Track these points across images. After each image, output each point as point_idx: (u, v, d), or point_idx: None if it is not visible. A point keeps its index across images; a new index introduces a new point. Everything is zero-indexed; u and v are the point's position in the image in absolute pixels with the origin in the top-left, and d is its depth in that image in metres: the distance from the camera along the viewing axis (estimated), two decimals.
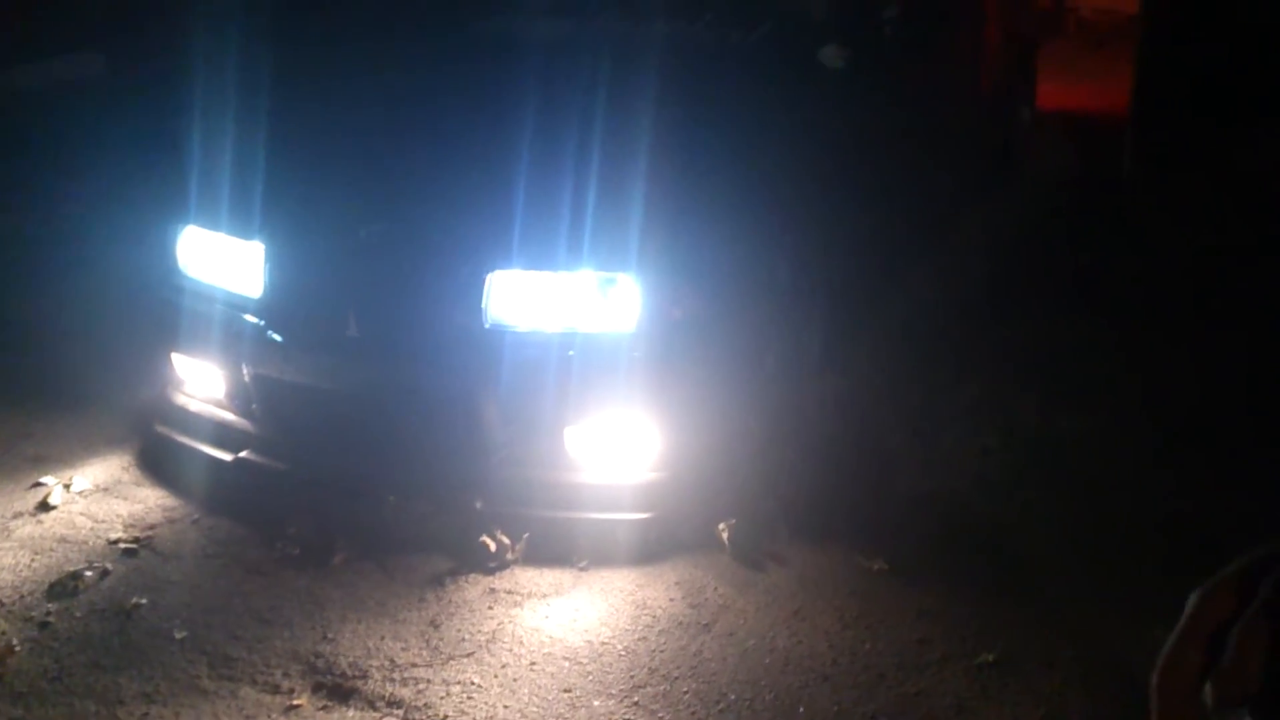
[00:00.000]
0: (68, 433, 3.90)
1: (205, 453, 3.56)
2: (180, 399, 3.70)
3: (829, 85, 3.93)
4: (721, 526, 3.24)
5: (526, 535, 3.17)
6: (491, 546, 3.14)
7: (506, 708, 2.66)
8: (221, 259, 3.53)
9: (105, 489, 3.59)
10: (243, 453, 3.48)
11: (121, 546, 3.28)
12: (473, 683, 2.75)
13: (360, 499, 3.31)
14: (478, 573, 3.14)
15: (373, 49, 3.89)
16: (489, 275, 3.21)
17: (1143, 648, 2.45)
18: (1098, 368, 4.33)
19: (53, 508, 3.47)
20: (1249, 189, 5.96)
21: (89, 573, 3.14)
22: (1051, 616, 2.96)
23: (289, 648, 2.84)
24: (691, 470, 3.29)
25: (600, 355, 3.21)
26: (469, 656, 2.83)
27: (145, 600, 3.03)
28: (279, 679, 2.76)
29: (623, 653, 2.86)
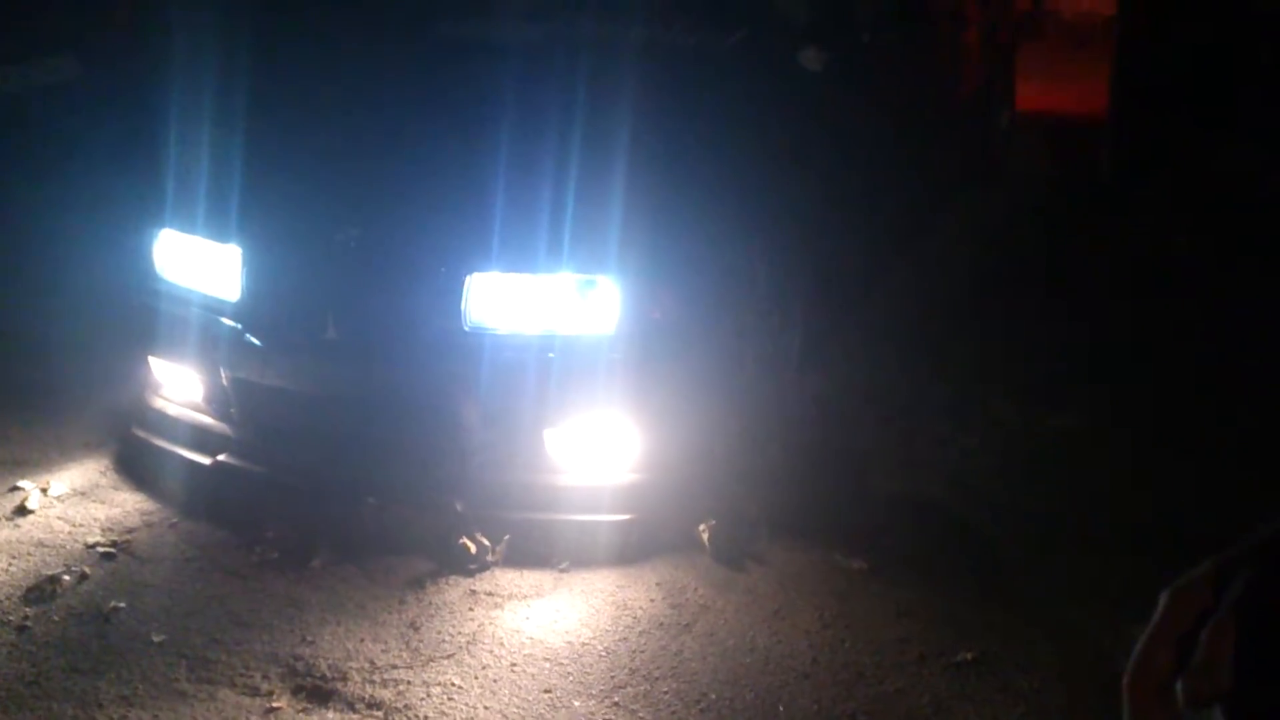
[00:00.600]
0: (45, 436, 3.93)
1: (183, 456, 3.56)
2: (158, 402, 3.70)
3: (808, 88, 3.95)
4: (702, 528, 3.26)
5: (507, 537, 3.19)
6: (472, 548, 3.16)
7: (487, 709, 2.69)
8: (198, 262, 3.55)
9: (83, 493, 3.61)
10: (221, 456, 3.49)
11: (99, 550, 3.29)
12: (453, 684, 2.77)
13: (339, 502, 3.29)
14: (458, 575, 3.17)
15: (350, 52, 3.89)
16: (468, 277, 3.23)
17: (1121, 646, 2.51)
18: (1076, 367, 4.37)
19: (30, 512, 3.48)
20: (1225, 189, 6.00)
21: (67, 577, 3.15)
22: (1031, 615, 3.01)
23: (268, 650, 2.86)
24: (671, 472, 3.32)
25: (580, 357, 3.23)
26: (449, 658, 2.85)
27: (123, 604, 3.04)
28: (258, 681, 2.77)
29: (603, 653, 2.88)
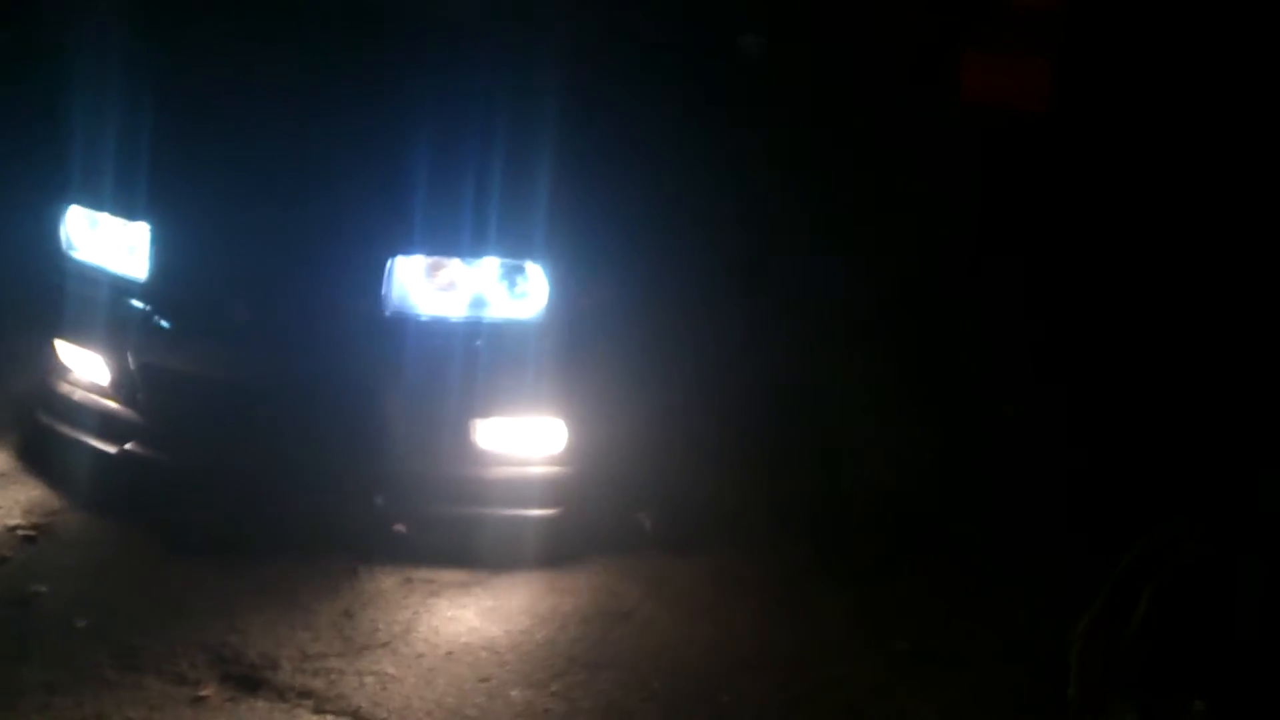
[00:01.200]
0: None
1: (89, 444, 3.38)
2: (64, 387, 3.53)
3: (747, 70, 3.84)
4: (643, 515, 3.22)
5: None
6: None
7: (422, 699, 2.66)
8: (106, 240, 3.46)
9: (3, 474, 3.52)
10: (128, 445, 3.30)
11: (20, 534, 3.22)
12: (387, 673, 2.74)
13: (253, 494, 3.14)
14: (394, 563, 3.13)
15: (270, 23, 3.71)
16: (391, 260, 3.10)
17: (1066, 636, 2.55)
18: (1029, 358, 4.42)
19: None
20: (1185, 179, 5.96)
21: None
22: (977, 605, 3.07)
23: (195, 638, 2.81)
24: (603, 463, 3.26)
25: (507, 344, 3.20)
26: (384, 647, 2.83)
27: (45, 588, 2.98)
28: (185, 669, 2.71)
29: (542, 642, 2.88)
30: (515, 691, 2.69)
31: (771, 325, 4.09)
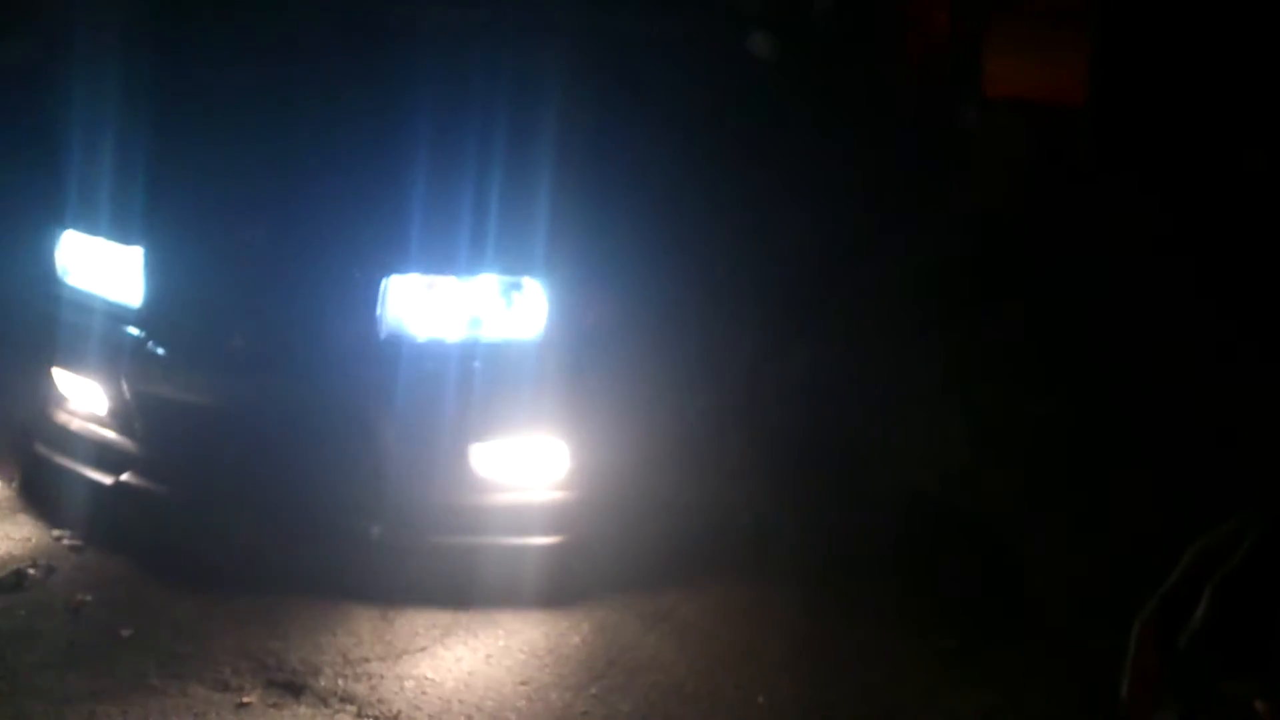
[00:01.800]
0: None
1: (85, 475, 3.29)
2: (61, 417, 3.42)
3: (758, 77, 3.68)
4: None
5: None
6: None
7: (462, 702, 2.70)
8: (101, 265, 3.43)
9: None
10: (124, 475, 3.20)
11: (67, 543, 3.27)
12: (427, 677, 2.79)
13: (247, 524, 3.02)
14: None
15: (260, 44, 3.63)
16: (385, 280, 3.01)
17: (1100, 635, 2.50)
18: (1060, 355, 4.43)
19: None
20: (1210, 176, 5.81)
21: (33, 570, 3.12)
22: (1015, 605, 3.09)
23: (238, 645, 2.87)
24: (609, 486, 3.17)
25: (506, 366, 3.14)
26: (422, 651, 2.87)
27: (91, 597, 3.02)
28: (228, 676, 2.76)
29: (579, 644, 2.91)
30: (554, 694, 2.72)
31: (791, 332, 3.96)
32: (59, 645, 2.83)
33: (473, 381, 3.04)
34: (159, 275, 3.24)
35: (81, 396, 3.48)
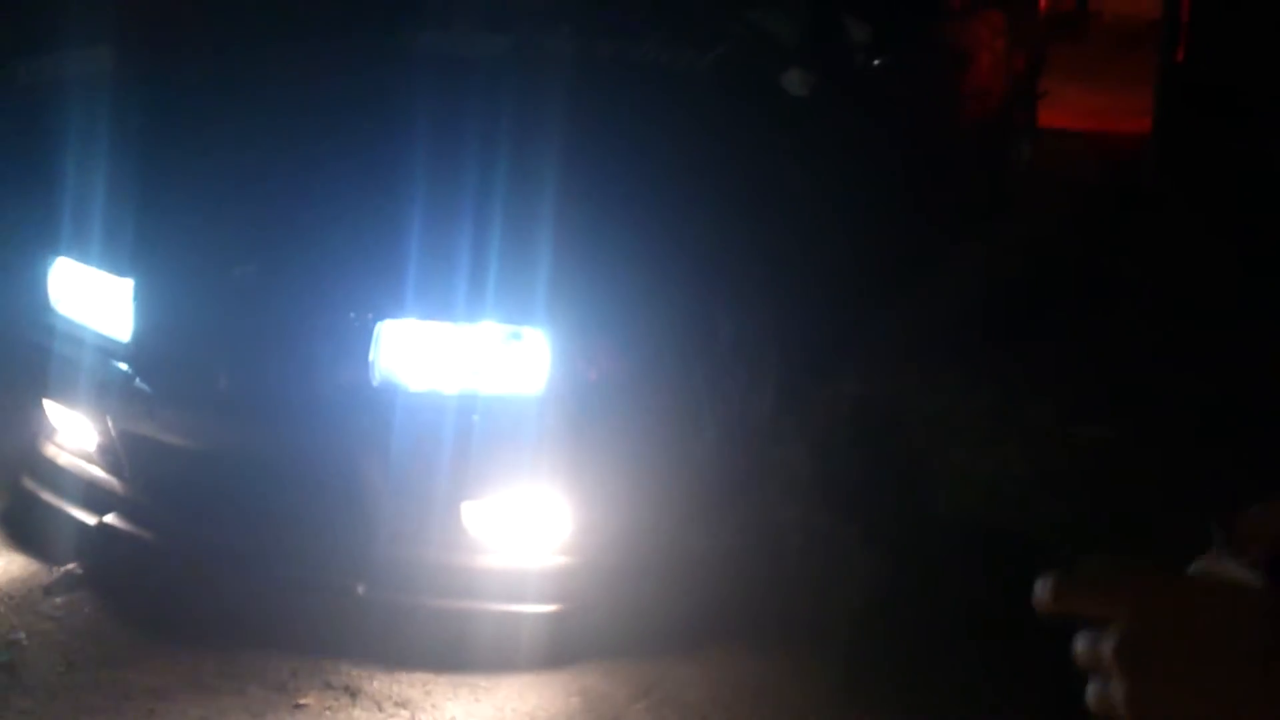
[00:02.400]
0: None
1: (69, 514, 3.11)
2: (50, 451, 3.25)
3: (787, 111, 3.42)
4: None
5: None
6: None
7: (515, 710, 2.73)
8: (92, 296, 3.22)
9: None
10: (107, 517, 3.03)
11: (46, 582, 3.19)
12: (480, 685, 2.81)
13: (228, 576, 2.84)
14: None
15: (261, 77, 3.44)
16: (379, 324, 2.76)
17: None
18: (1115, 378, 4.26)
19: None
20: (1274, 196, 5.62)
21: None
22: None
23: (294, 650, 2.88)
24: (614, 552, 2.88)
25: (504, 419, 2.90)
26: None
27: (151, 596, 3.06)
28: (285, 678, 2.80)
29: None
30: (606, 705, 2.72)
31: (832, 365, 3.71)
32: (120, 644, 2.86)
33: (469, 435, 2.80)
34: (148, 309, 3.06)
35: (70, 431, 3.33)
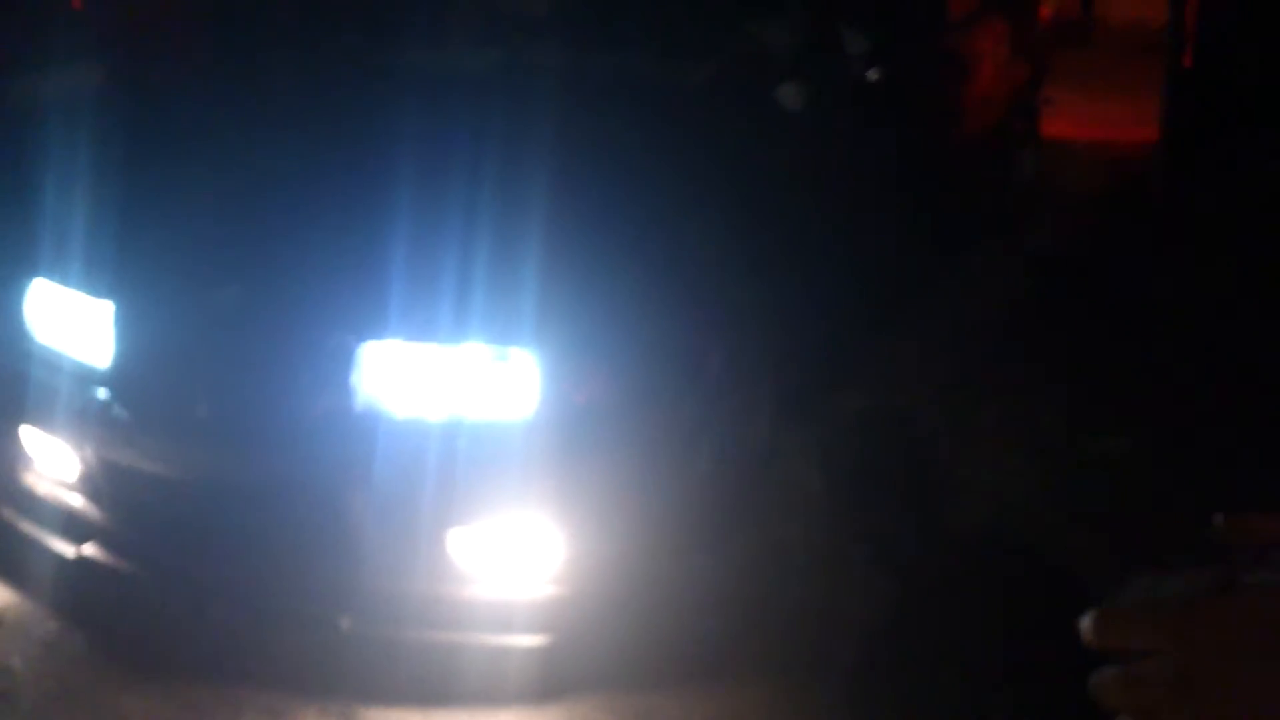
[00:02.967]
0: None
1: (46, 544, 2.98)
2: (29, 479, 3.12)
3: (788, 128, 3.30)
4: None
5: None
6: None
7: None
8: (70, 319, 3.13)
9: None
10: (84, 547, 2.91)
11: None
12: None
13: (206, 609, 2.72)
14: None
15: (242, 94, 3.33)
16: (361, 347, 2.64)
17: None
18: (1126, 389, 4.16)
19: None
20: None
21: None
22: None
23: (284, 678, 2.83)
24: (605, 582, 2.73)
25: (491, 445, 2.78)
26: None
27: (138, 627, 3.01)
28: (280, 703, 2.75)
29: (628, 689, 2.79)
30: None
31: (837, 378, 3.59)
32: (119, 668, 2.85)
33: (455, 461, 2.69)
34: (127, 333, 2.95)
35: (49, 459, 3.21)
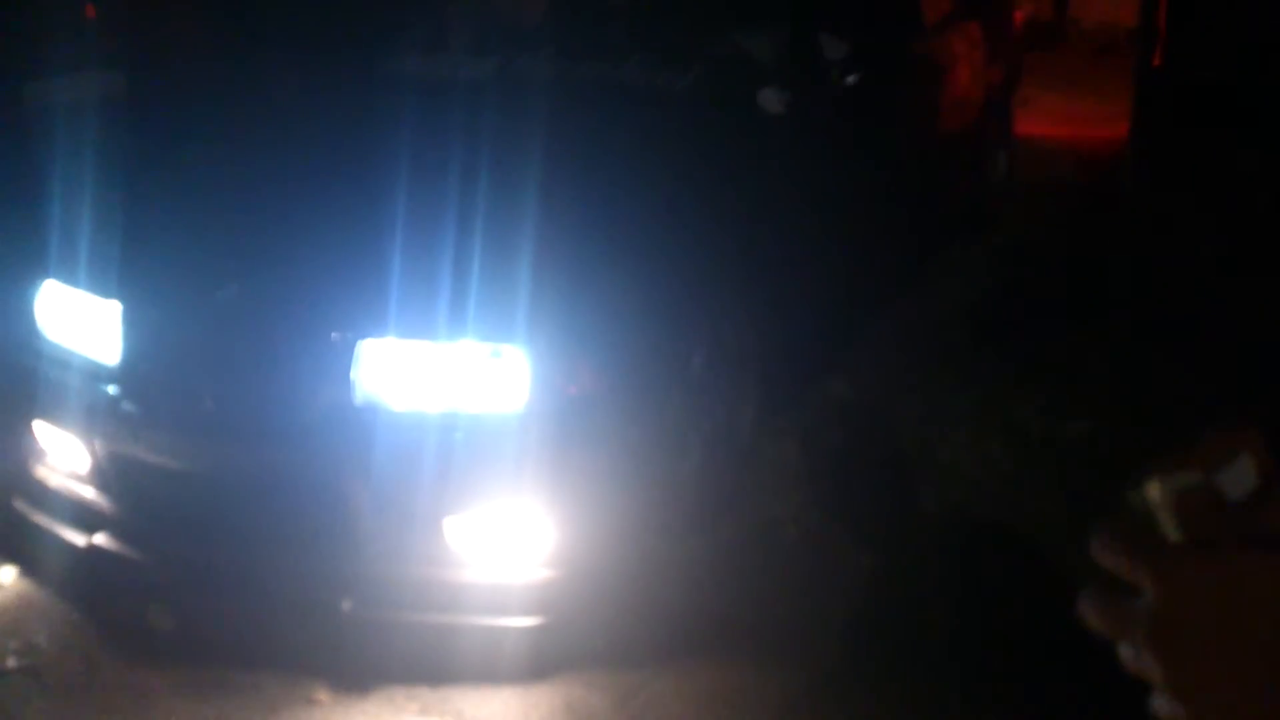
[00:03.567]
0: None
1: (58, 535, 3.05)
2: (41, 472, 3.21)
3: (769, 132, 3.38)
4: None
5: None
6: None
7: (521, 701, 2.79)
8: (80, 318, 3.19)
9: None
10: (95, 537, 2.99)
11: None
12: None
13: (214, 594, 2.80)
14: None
15: (246, 98, 3.41)
16: (360, 344, 2.76)
17: None
18: (1100, 374, 4.21)
19: None
20: (1249, 200, 5.56)
21: None
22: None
23: (309, 645, 2.90)
24: (595, 565, 2.86)
25: (485, 436, 2.90)
26: None
27: (169, 603, 3.06)
28: (298, 677, 2.84)
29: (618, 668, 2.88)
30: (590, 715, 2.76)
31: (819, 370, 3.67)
32: (147, 647, 2.91)
33: (451, 452, 2.80)
34: (134, 331, 3.05)
35: (60, 453, 3.29)
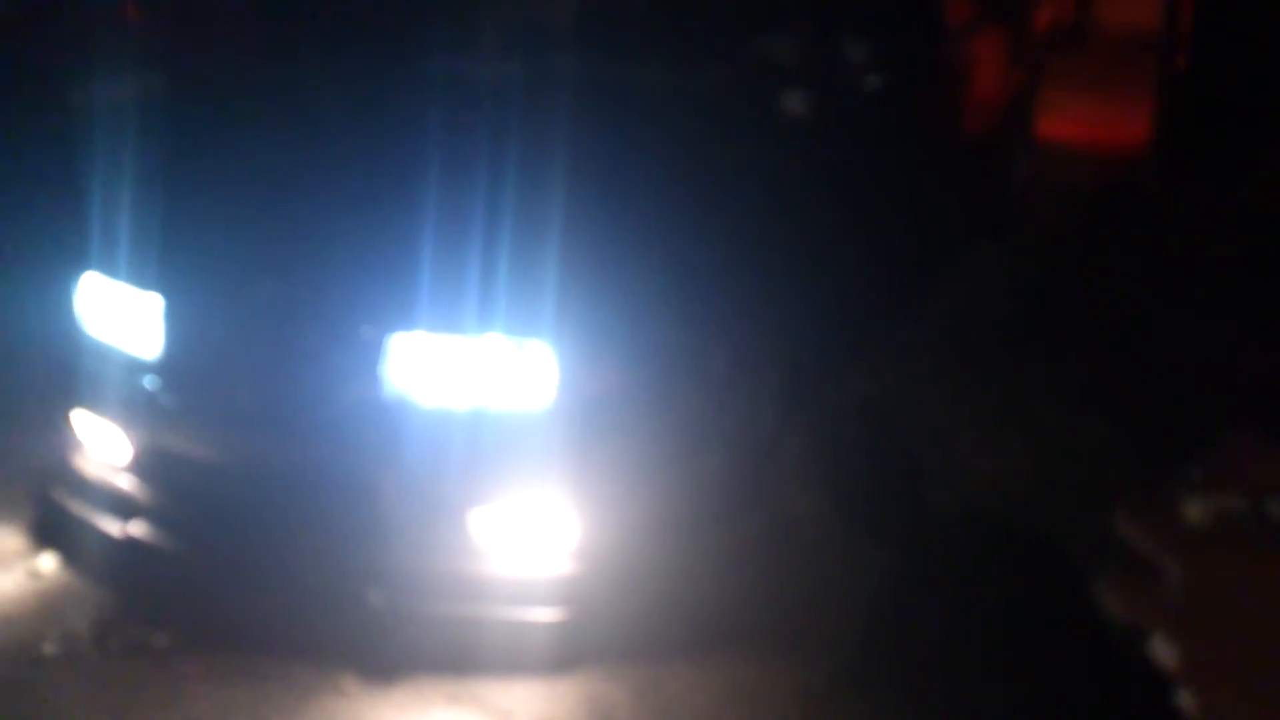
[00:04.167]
0: None
1: (95, 525, 3.09)
2: (79, 463, 3.24)
3: (793, 134, 3.39)
4: None
5: None
6: None
7: (553, 689, 2.81)
8: (119, 310, 3.31)
9: None
10: (129, 527, 3.02)
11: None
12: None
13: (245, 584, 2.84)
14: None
15: (282, 95, 3.45)
16: (390, 338, 2.83)
17: None
18: (1118, 376, 4.21)
19: None
20: (1272, 203, 5.55)
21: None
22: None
23: (338, 636, 2.91)
24: (620, 559, 2.95)
25: (511, 430, 2.88)
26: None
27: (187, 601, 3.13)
28: (327, 668, 2.86)
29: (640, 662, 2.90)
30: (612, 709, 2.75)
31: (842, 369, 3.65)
32: (183, 632, 2.97)
33: (477, 446, 2.82)
34: (172, 324, 3.09)
35: (98, 444, 3.34)
